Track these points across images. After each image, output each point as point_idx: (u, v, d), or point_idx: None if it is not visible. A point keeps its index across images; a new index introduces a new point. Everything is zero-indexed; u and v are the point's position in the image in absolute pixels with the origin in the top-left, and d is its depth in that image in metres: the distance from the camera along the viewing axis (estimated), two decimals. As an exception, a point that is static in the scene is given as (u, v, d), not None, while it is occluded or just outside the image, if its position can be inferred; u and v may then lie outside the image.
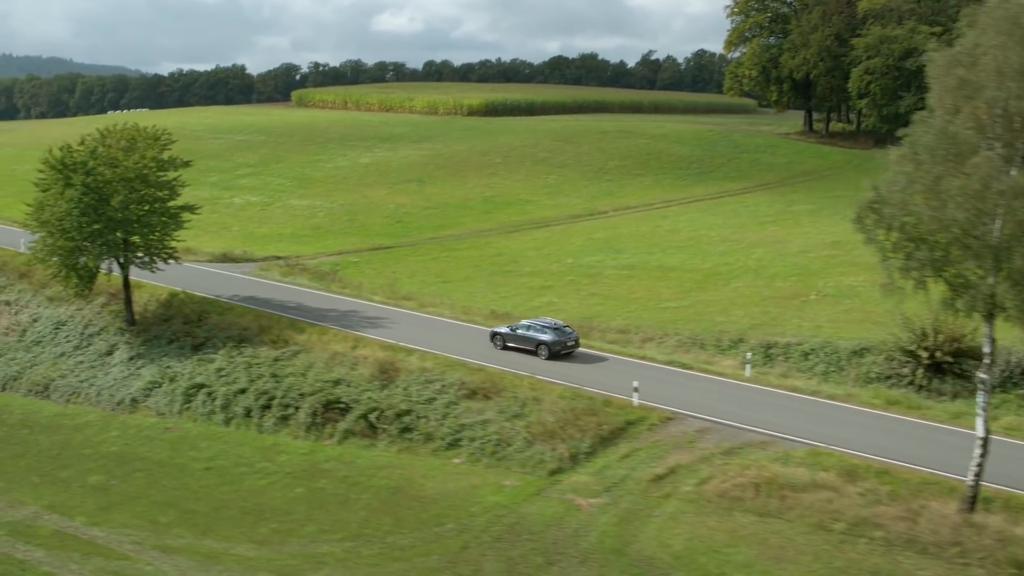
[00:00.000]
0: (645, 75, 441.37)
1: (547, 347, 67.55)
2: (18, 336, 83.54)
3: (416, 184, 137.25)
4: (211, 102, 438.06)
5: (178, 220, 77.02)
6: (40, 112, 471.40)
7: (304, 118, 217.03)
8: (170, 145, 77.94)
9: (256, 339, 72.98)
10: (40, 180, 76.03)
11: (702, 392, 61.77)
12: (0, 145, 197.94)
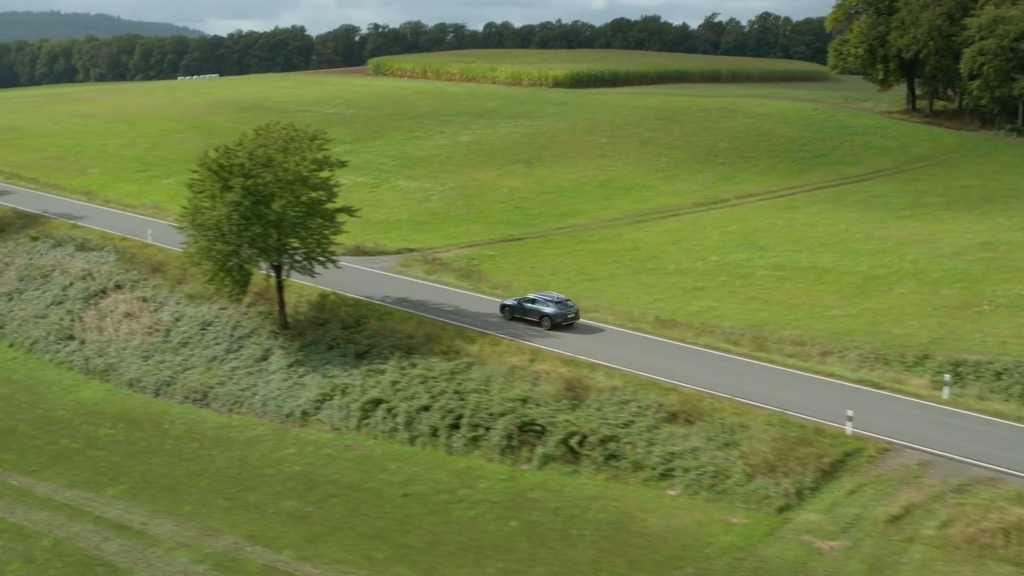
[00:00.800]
0: (708, 38, 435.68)
1: (549, 319, 74.30)
2: (163, 336, 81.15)
3: (524, 166, 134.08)
4: (271, 64, 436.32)
5: (335, 222, 73.56)
6: (99, 74, 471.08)
7: (387, 89, 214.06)
8: (326, 144, 74.37)
9: (424, 349, 70.27)
10: (195, 182, 73.58)
11: (904, 417, 59.19)
12: (85, 116, 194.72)
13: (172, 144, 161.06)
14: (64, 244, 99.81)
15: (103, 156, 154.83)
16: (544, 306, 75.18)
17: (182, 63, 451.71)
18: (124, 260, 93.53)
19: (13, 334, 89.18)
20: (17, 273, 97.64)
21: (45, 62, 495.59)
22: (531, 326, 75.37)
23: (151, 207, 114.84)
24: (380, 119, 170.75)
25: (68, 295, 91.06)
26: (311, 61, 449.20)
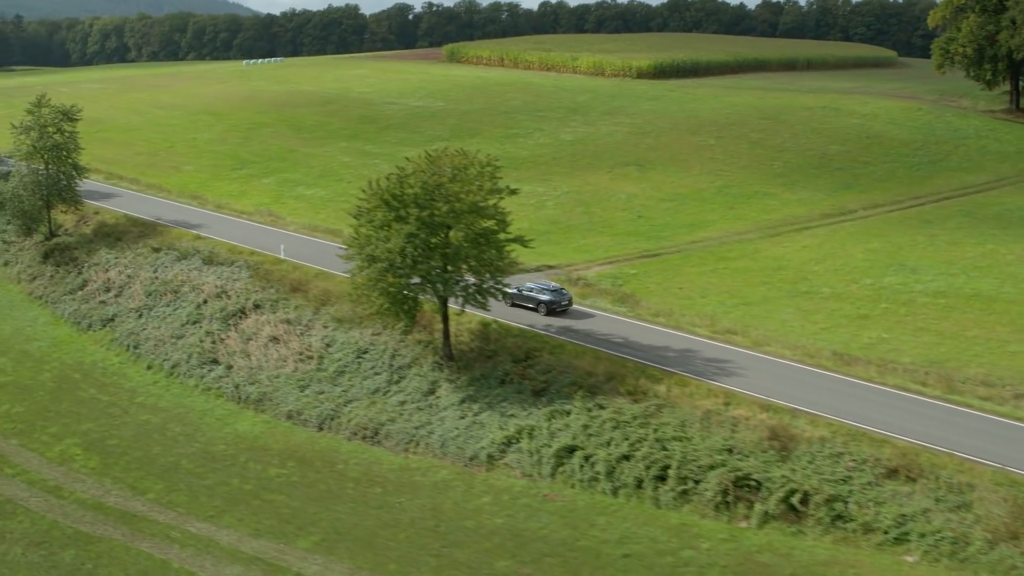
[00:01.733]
0: (766, 19, 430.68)
1: (545, 305, 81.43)
2: (316, 364, 78.21)
3: (636, 169, 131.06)
4: (324, 43, 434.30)
5: (505, 253, 70.33)
6: (151, 52, 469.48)
7: (470, 79, 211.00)
8: (499, 172, 71.23)
9: (607, 388, 67.46)
10: (364, 211, 70.36)
11: None
12: (167, 107, 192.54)
13: (264, 139, 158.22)
14: (189, 257, 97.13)
15: (195, 152, 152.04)
16: (540, 294, 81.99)
17: (235, 42, 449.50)
18: (258, 277, 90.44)
19: (150, 355, 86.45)
20: (143, 287, 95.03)
21: (96, 40, 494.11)
22: (529, 311, 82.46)
23: (267, 214, 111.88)
24: (472, 114, 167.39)
25: (204, 314, 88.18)
26: (364, 40, 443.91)
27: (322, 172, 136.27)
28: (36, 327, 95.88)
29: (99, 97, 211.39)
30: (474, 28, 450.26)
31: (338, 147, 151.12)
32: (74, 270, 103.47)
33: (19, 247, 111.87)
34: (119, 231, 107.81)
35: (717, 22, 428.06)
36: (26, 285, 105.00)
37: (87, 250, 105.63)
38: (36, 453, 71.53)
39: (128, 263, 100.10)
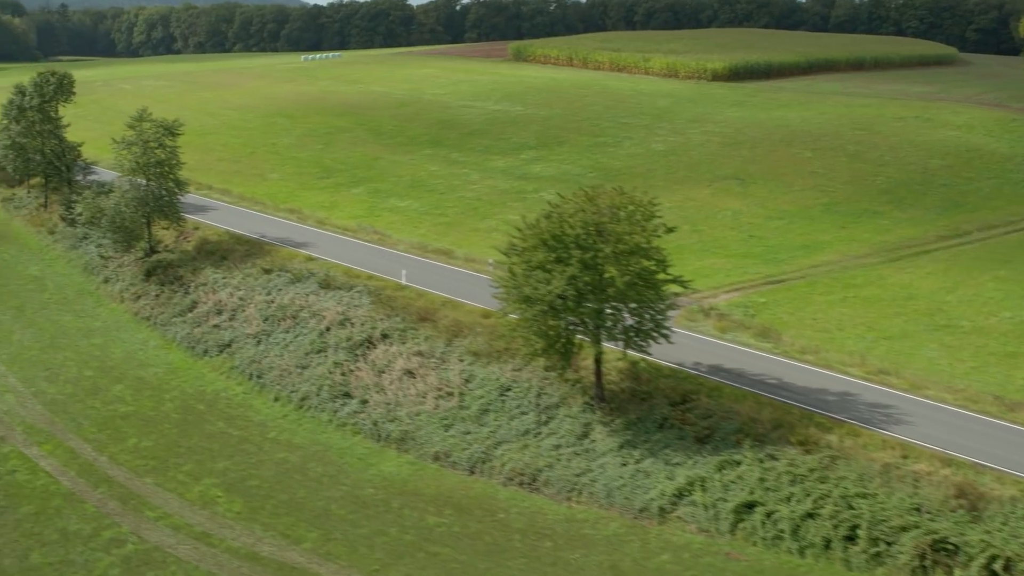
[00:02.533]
0: (818, 11, 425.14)
1: None
2: (457, 401, 75.70)
3: (736, 183, 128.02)
4: (372, 35, 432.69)
5: (665, 294, 67.71)
6: (198, 42, 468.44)
7: (543, 81, 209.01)
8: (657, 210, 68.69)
9: (774, 436, 65.12)
10: (518, 249, 68.15)
11: None
12: (239, 108, 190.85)
13: (344, 145, 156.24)
14: (304, 280, 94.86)
15: (278, 158, 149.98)
16: None
17: (282, 33, 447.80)
18: (381, 304, 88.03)
19: (275, 386, 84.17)
20: (259, 312, 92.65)
21: (143, 30, 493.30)
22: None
23: (371, 232, 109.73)
24: (554, 120, 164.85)
25: (328, 343, 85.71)
26: (412, 31, 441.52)
27: (411, 182, 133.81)
28: (148, 351, 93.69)
29: (166, 96, 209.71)
30: (522, 20, 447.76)
31: (422, 154, 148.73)
32: (180, 290, 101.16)
33: (118, 263, 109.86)
34: (223, 249, 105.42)
35: (768, 15, 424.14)
36: (130, 304, 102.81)
37: (192, 268, 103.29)
38: (175, 494, 69.45)
39: (238, 284, 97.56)
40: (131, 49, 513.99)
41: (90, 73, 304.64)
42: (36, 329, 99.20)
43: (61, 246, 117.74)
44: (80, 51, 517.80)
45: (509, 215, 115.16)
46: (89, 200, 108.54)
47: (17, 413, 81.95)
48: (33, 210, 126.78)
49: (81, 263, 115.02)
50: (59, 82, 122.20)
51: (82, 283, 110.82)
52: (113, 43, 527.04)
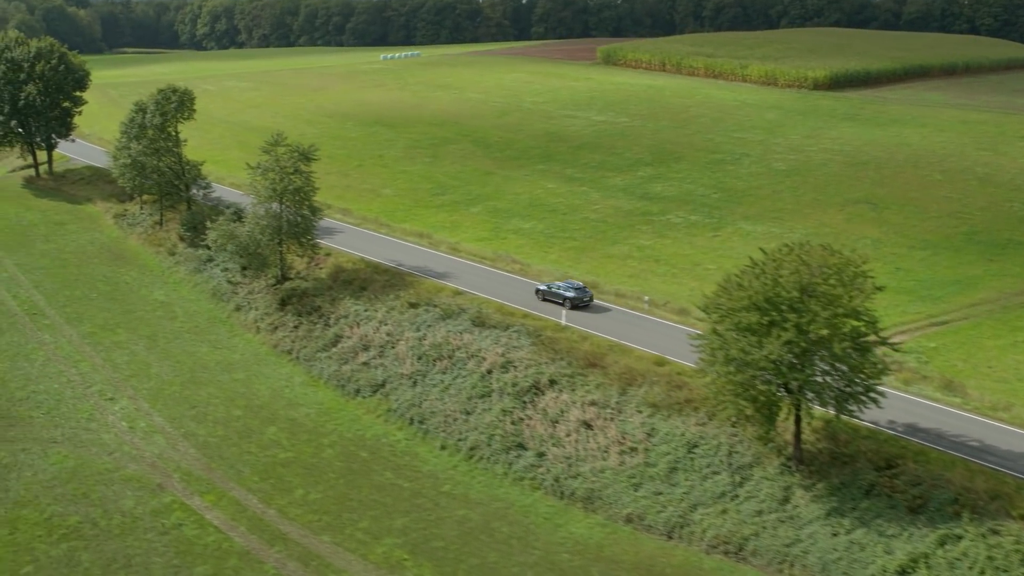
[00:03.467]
0: (889, 8, 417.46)
1: (570, 301, 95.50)
2: (643, 458, 72.18)
3: (869, 208, 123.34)
4: (438, 28, 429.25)
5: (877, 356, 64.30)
6: (262, 35, 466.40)
7: (639, 88, 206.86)
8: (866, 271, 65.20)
9: (992, 508, 61.83)
10: (723, 309, 64.48)
11: None
12: (335, 115, 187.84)
13: (453, 158, 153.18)
14: (455, 317, 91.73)
15: (388, 172, 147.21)
16: (566, 291, 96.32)
17: (348, 26, 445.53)
18: (543, 347, 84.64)
19: (441, 432, 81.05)
20: (411, 350, 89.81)
21: (206, 22, 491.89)
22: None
23: (510, 261, 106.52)
24: (663, 134, 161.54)
25: (491, 387, 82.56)
26: (478, 25, 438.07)
27: (530, 201, 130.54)
28: (295, 388, 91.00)
29: (255, 100, 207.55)
30: (589, 15, 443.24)
31: (535, 170, 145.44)
32: (320, 322, 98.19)
33: (248, 289, 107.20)
34: (361, 278, 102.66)
35: (838, 11, 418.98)
36: (267, 335, 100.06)
37: (330, 299, 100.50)
38: (357, 555, 66.95)
39: (383, 319, 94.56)
40: (194, 41, 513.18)
41: (165, 70, 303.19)
42: (173, 361, 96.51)
43: (184, 269, 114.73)
44: (143, 43, 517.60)
45: (640, 239, 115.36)
46: (223, 227, 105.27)
47: (171, 457, 79.54)
48: (148, 228, 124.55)
49: (208, 288, 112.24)
50: (180, 100, 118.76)
51: (212, 310, 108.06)
52: (176, 35, 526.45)
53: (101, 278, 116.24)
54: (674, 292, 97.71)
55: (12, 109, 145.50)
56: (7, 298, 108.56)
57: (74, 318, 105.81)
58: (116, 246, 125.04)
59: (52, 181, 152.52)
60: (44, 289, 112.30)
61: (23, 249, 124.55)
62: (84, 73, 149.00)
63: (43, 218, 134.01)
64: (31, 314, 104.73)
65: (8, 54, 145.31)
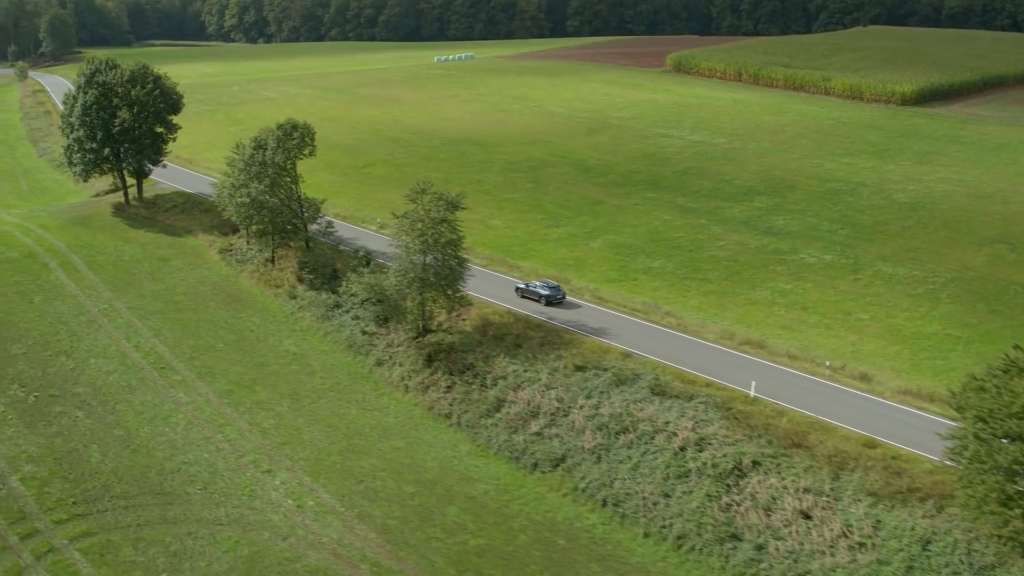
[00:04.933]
0: (930, 2, 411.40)
1: (545, 298, 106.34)
2: (875, 555, 67.49)
3: (1009, 249, 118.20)
4: (473, 22, 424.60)
5: None
6: (292, 27, 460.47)
7: (724, 102, 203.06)
8: None
9: None
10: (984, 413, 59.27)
11: None
12: (417, 132, 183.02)
13: (556, 183, 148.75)
14: (630, 383, 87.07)
15: (491, 199, 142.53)
16: (542, 289, 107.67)
17: (380, 18, 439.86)
18: (735, 421, 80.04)
19: (639, 517, 76.46)
20: (587, 419, 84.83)
21: (234, 13, 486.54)
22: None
23: (664, 313, 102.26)
24: (768, 157, 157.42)
25: (688, 467, 78.03)
26: (513, 18, 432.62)
27: (649, 234, 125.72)
28: (463, 460, 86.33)
29: (326, 111, 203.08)
30: (624, 8, 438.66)
31: (644, 198, 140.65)
32: (476, 382, 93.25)
33: (386, 341, 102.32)
34: (513, 334, 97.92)
35: (879, 5, 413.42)
36: (418, 396, 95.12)
37: (482, 356, 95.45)
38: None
39: (548, 382, 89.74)
40: (222, 33, 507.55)
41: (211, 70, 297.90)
42: (324, 425, 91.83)
43: (310, 315, 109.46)
44: (170, 35, 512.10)
45: (778, 282, 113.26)
46: (367, 280, 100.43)
47: (352, 544, 75.34)
48: (259, 265, 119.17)
49: (341, 338, 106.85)
50: (302, 136, 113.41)
51: (350, 364, 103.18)
52: (203, 26, 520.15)
53: (223, 325, 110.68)
54: (837, 348, 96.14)
55: (105, 136, 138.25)
56: (130, 349, 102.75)
57: (206, 373, 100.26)
58: (228, 286, 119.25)
59: (143, 209, 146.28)
60: (165, 338, 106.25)
61: (131, 289, 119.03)
62: (178, 97, 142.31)
63: (144, 252, 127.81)
64: (158, 368, 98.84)
65: (100, 78, 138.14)
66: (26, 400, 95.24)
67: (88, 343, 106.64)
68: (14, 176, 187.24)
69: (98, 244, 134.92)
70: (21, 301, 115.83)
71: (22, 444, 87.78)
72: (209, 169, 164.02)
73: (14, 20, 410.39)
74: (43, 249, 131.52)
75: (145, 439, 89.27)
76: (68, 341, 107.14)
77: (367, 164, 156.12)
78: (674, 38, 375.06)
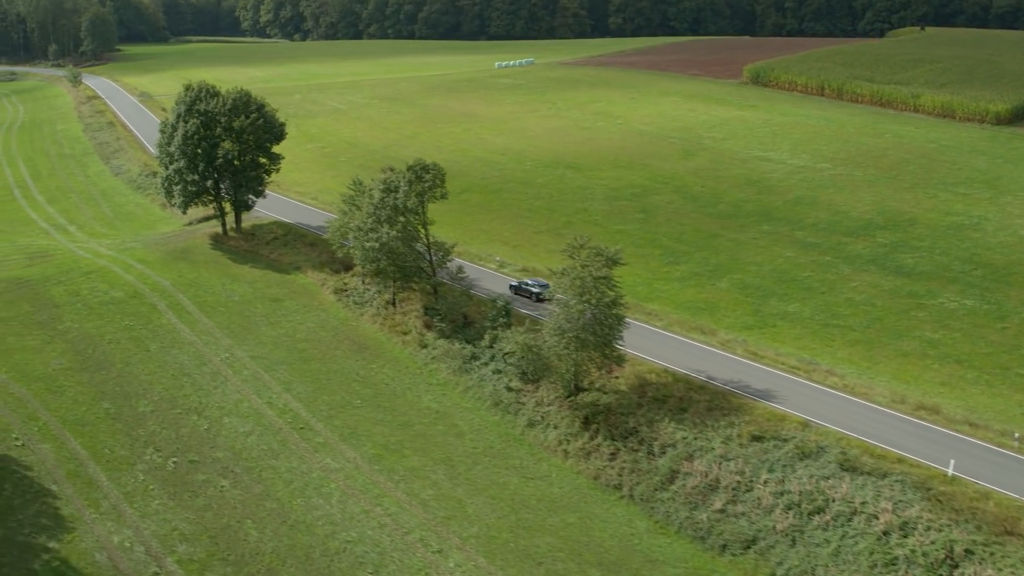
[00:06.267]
0: (978, 1, 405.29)
1: (535, 295, 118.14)
2: None
3: None
4: (514, 19, 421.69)
5: None
6: (329, 23, 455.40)
7: (815, 121, 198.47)
8: None
9: None
10: None
11: None
12: (506, 152, 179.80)
13: (666, 214, 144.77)
14: (814, 456, 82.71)
15: (602, 232, 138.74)
16: (532, 287, 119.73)
17: (420, 15, 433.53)
18: (938, 504, 75.70)
19: (858, 612, 70.88)
20: (775, 497, 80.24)
21: (270, 9, 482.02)
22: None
23: (825, 372, 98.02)
24: (879, 186, 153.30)
25: (895, 554, 73.84)
26: (555, 14, 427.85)
27: (776, 274, 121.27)
28: (643, 539, 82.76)
29: (405, 127, 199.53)
30: (668, 5, 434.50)
31: (761, 231, 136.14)
32: (642, 450, 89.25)
33: (535, 400, 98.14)
34: (675, 396, 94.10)
35: (925, 4, 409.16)
36: (579, 463, 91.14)
37: (644, 419, 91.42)
38: None
39: (722, 452, 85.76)
40: (257, 28, 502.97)
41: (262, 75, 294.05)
42: (487, 497, 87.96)
43: (445, 367, 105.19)
44: (204, 30, 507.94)
45: (924, 331, 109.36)
46: (520, 339, 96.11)
47: (550, 637, 69.64)
48: (379, 308, 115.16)
49: (483, 393, 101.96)
50: (434, 178, 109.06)
51: (499, 424, 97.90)
52: (237, 21, 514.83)
53: (355, 377, 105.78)
54: (1006, 411, 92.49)
55: (207, 167, 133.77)
56: (263, 406, 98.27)
57: (348, 434, 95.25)
58: (350, 331, 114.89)
59: (243, 241, 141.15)
60: (298, 392, 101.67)
61: (250, 335, 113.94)
62: (280, 126, 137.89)
63: (254, 292, 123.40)
64: (297, 428, 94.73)
65: (200, 106, 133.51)
66: (165, 467, 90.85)
67: (217, 399, 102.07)
68: (94, 199, 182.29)
69: (204, 282, 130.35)
70: (137, 349, 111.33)
71: (172, 520, 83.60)
72: (300, 194, 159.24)
73: (52, 18, 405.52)
74: (148, 288, 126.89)
75: (301, 513, 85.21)
76: (196, 397, 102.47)
77: (463, 190, 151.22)
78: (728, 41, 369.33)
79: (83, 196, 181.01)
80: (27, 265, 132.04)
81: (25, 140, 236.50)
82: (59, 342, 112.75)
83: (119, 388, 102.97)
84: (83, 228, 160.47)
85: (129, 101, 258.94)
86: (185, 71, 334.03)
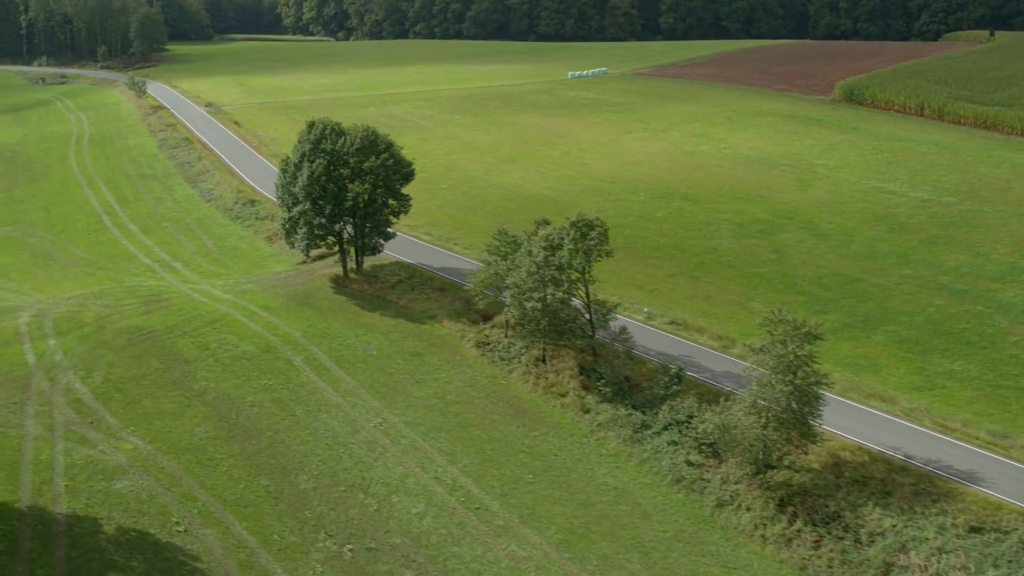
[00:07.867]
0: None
1: None
2: None
3: None
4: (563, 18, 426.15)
5: None
6: (374, 21, 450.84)
7: (925, 147, 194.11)
8: None
9: None
10: None
11: None
12: (615, 182, 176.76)
13: (796, 251, 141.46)
14: (1034, 548, 76.84)
15: (737, 275, 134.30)
16: None
17: (468, 14, 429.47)
18: None
19: None
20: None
21: (313, 6, 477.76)
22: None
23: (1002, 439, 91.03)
24: (1012, 223, 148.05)
25: None
26: (605, 14, 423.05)
27: (931, 326, 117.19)
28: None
29: (502, 151, 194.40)
30: (720, 4, 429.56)
31: (902, 275, 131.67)
32: (848, 537, 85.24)
33: (720, 476, 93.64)
34: (876, 477, 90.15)
35: (983, 5, 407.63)
36: (780, 550, 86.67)
37: (846, 503, 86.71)
38: None
39: (939, 544, 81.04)
40: (299, 26, 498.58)
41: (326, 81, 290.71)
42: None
43: (614, 436, 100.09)
44: (246, 27, 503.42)
45: None
46: (717, 420, 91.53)
47: None
48: (529, 366, 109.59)
49: (660, 467, 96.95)
50: (599, 235, 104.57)
51: (684, 504, 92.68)
52: (279, 19, 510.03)
53: (520, 447, 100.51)
54: None
55: (335, 210, 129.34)
56: (430, 482, 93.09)
57: (528, 516, 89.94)
58: (502, 392, 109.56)
59: (366, 283, 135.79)
60: (464, 466, 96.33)
61: (398, 397, 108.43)
62: (410, 165, 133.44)
63: (391, 345, 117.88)
64: (472, 509, 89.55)
65: (326, 145, 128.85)
66: (341, 555, 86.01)
67: (380, 473, 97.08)
68: (191, 229, 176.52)
69: (336, 333, 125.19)
70: (283, 414, 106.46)
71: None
72: (411, 228, 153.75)
73: (100, 18, 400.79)
74: (279, 340, 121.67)
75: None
76: (357, 471, 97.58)
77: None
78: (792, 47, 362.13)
79: (178, 225, 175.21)
80: (145, 312, 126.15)
81: (99, 157, 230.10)
82: (198, 405, 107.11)
83: (274, 461, 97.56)
84: (189, 265, 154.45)
85: (196, 112, 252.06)
86: (244, 77, 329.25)
